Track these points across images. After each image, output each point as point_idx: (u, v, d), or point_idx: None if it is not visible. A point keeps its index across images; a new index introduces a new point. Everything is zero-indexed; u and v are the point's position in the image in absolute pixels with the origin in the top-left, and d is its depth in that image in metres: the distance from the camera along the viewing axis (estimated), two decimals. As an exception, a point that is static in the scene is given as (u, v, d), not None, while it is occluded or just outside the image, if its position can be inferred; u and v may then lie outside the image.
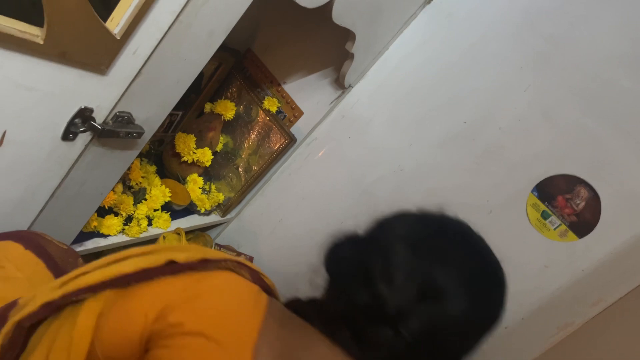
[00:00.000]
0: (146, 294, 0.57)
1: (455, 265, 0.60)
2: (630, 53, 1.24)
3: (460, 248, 0.64)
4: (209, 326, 0.53)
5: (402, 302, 0.56)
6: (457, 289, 0.58)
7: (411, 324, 0.56)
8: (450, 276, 0.59)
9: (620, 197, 1.26)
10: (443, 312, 0.57)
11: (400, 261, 0.59)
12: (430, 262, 0.59)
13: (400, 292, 0.57)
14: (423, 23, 1.48)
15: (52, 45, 0.69)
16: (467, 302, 0.58)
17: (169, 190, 1.49)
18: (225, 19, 0.89)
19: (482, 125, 1.42)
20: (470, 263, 0.62)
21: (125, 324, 0.55)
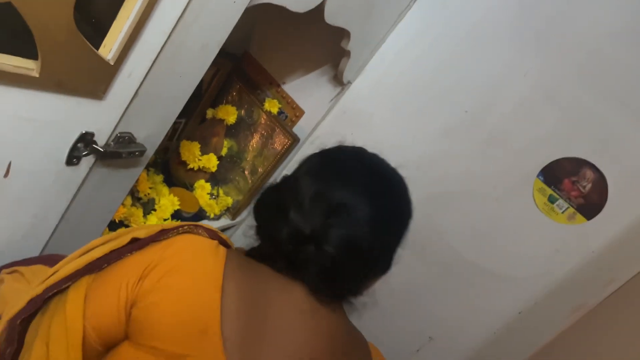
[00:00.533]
0: (120, 269, 0.65)
1: (352, 180, 0.71)
2: (630, 27, 1.23)
3: (354, 166, 0.75)
4: (180, 276, 0.63)
5: (313, 221, 0.67)
6: (357, 197, 0.68)
7: (327, 237, 0.65)
8: (348, 190, 0.69)
9: (626, 176, 1.25)
10: (351, 220, 0.67)
11: (305, 190, 0.70)
12: (330, 183, 0.70)
13: (310, 214, 0.67)
14: (418, 14, 1.47)
15: (47, 77, 0.70)
16: (370, 206, 0.68)
17: (177, 199, 1.51)
18: (218, 32, 0.90)
19: (484, 112, 1.42)
20: (366, 175, 0.74)
21: (109, 299, 0.62)
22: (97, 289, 0.63)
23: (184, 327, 0.60)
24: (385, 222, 0.71)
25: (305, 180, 0.72)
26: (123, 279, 0.63)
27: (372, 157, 0.80)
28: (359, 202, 0.68)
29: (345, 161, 0.77)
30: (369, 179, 0.73)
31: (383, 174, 0.77)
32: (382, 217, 0.70)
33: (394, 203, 0.75)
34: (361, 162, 0.77)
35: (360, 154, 0.80)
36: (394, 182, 0.77)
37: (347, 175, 0.72)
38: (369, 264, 0.72)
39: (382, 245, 0.72)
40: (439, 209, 1.51)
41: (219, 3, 0.83)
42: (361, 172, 0.74)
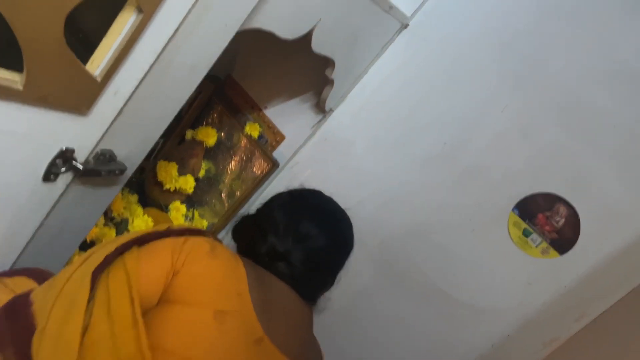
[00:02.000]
0: (165, 243, 0.78)
1: (314, 216, 0.96)
2: (602, 71, 1.28)
3: (315, 205, 1.03)
4: (216, 253, 0.79)
5: (285, 243, 0.89)
6: (317, 229, 0.93)
7: (295, 257, 0.88)
8: (311, 223, 0.93)
9: (598, 214, 1.28)
10: (311, 246, 0.91)
11: (279, 219, 0.93)
12: (298, 217, 0.94)
13: (283, 238, 0.90)
14: (400, 47, 1.50)
15: (32, 91, 0.69)
16: (325, 236, 0.93)
17: (151, 220, 1.48)
18: (208, 53, 0.90)
19: (463, 145, 1.44)
20: (323, 212, 1.01)
21: (159, 261, 0.74)
22: (147, 254, 0.75)
23: (224, 288, 0.76)
24: (335, 249, 0.98)
25: (279, 212, 0.96)
26: (168, 249, 0.76)
27: (327, 199, 1.09)
28: (318, 233, 0.93)
29: (308, 199, 1.04)
30: (325, 216, 1.00)
31: (335, 213, 1.05)
32: (333, 245, 0.96)
33: (342, 236, 1.02)
34: (320, 203, 1.06)
35: (318, 196, 1.08)
36: (344, 221, 1.06)
37: (310, 212, 0.98)
38: (322, 277, 0.97)
39: (332, 265, 0.99)
40: (415, 239, 1.51)
41: (211, 25, 0.83)
42: (320, 210, 1.02)
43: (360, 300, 1.62)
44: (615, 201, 1.26)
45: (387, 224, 1.56)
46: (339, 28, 1.21)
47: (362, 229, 1.57)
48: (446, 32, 1.45)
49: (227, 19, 0.85)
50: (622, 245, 1.25)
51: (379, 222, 1.57)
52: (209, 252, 0.79)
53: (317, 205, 1.03)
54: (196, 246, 0.78)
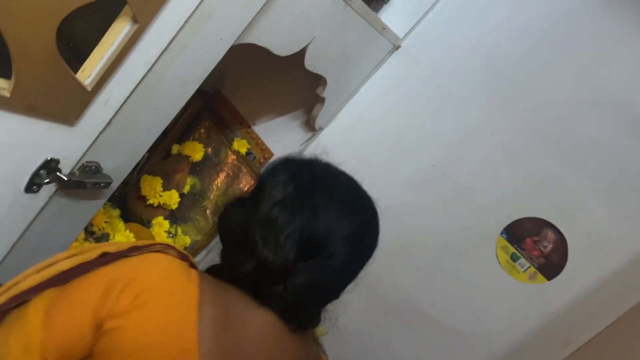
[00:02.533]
0: (89, 283, 0.59)
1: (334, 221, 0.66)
2: (589, 99, 1.29)
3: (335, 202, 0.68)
4: (155, 296, 0.59)
5: (285, 261, 0.62)
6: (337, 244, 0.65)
7: (298, 279, 0.63)
8: (330, 233, 0.65)
9: (585, 240, 1.29)
10: (325, 266, 0.65)
11: (281, 223, 0.63)
12: (310, 221, 0.64)
13: (283, 252, 0.62)
14: (392, 68, 1.51)
15: (19, 98, 0.66)
16: (346, 255, 0.66)
17: (133, 235, 1.44)
18: (200, 68, 0.88)
19: (451, 168, 1.44)
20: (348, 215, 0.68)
21: (74, 315, 0.57)
22: (62, 303, 0.58)
23: (161, 347, 0.58)
24: (354, 268, 0.72)
25: (281, 211, 0.64)
26: (92, 294, 0.58)
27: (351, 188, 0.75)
28: (337, 248, 0.65)
29: (324, 192, 0.69)
30: (351, 221, 0.68)
31: (364, 215, 0.73)
32: (353, 264, 0.71)
33: (367, 249, 0.73)
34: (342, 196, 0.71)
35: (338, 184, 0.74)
36: (373, 223, 0.75)
37: (328, 215, 0.66)
38: (328, 300, 0.72)
39: (344, 285, 0.72)
40: (403, 262, 1.50)
41: (206, 38, 0.82)
42: (342, 212, 0.68)
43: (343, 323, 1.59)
44: (603, 228, 1.27)
45: (373, 245, 1.54)
46: (333, 46, 1.21)
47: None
48: (437, 55, 1.46)
49: (222, 33, 0.84)
50: (609, 272, 1.25)
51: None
52: (147, 292, 0.59)
53: (336, 202, 0.68)
54: (132, 285, 0.59)
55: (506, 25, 1.38)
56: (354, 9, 1.14)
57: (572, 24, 1.30)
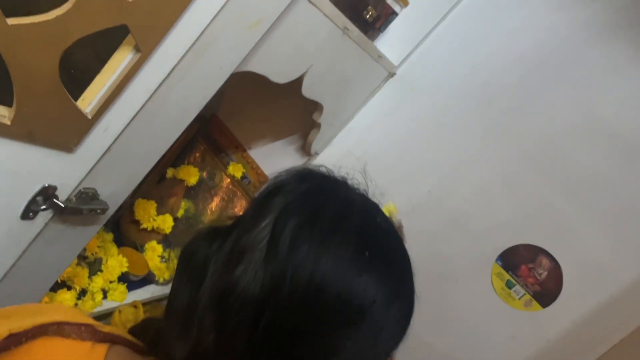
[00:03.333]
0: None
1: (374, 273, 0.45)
2: (582, 127, 1.31)
3: (380, 254, 0.48)
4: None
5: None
6: (379, 297, 0.45)
7: None
8: (377, 292, 0.45)
9: (580, 267, 1.29)
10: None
11: (240, 295, 0.42)
12: (350, 276, 0.43)
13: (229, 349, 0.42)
14: (387, 95, 1.53)
15: (19, 126, 0.66)
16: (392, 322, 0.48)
17: (126, 260, 1.42)
18: (199, 95, 0.89)
19: (446, 195, 1.45)
20: (387, 266, 0.48)
21: None
22: None
23: None
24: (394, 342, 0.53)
25: (255, 274, 0.42)
26: None
27: (388, 233, 0.53)
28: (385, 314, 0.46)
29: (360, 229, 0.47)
30: (392, 280, 0.48)
31: (403, 259, 0.53)
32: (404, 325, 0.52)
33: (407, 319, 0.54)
34: (389, 245, 0.52)
35: (374, 221, 0.51)
36: (409, 270, 0.54)
37: (368, 277, 0.45)
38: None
39: None
40: (398, 287, 1.49)
41: (206, 67, 0.83)
42: (384, 270, 0.47)
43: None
44: (597, 255, 1.27)
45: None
46: (330, 74, 1.22)
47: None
48: (432, 82, 1.48)
49: (222, 62, 0.85)
50: (605, 300, 1.25)
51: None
52: None
53: (385, 253, 0.49)
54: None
55: (500, 54, 1.40)
56: (352, 37, 1.16)
57: (565, 55, 1.32)
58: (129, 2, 0.63)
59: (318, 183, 0.53)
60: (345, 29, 1.11)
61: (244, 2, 0.77)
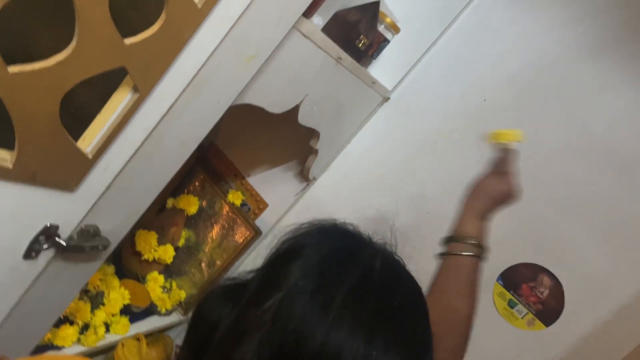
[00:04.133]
0: None
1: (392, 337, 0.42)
2: (577, 145, 1.33)
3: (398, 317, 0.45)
4: None
5: None
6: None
7: None
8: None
9: (581, 284, 1.29)
10: None
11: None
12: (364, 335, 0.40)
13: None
14: (382, 119, 1.55)
15: (21, 169, 0.67)
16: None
17: (128, 292, 1.42)
18: (198, 130, 0.90)
19: (445, 215, 1.45)
20: (412, 330, 0.46)
21: None
22: None
23: None
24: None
25: (311, 333, 0.40)
26: None
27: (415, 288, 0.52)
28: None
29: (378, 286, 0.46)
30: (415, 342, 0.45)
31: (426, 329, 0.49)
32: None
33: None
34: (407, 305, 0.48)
35: (396, 274, 0.52)
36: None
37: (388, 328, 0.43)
38: None
39: None
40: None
41: (203, 102, 0.84)
42: (408, 335, 0.45)
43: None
44: (598, 271, 1.27)
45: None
46: (325, 102, 1.24)
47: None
48: (426, 105, 1.50)
49: (219, 97, 0.87)
50: (607, 316, 1.25)
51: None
52: None
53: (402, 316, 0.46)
54: None
55: (492, 76, 1.42)
56: (345, 66, 1.18)
57: (556, 74, 1.35)
58: (126, 45, 0.65)
59: (341, 244, 0.51)
60: (338, 59, 1.13)
61: (239, 38, 0.78)
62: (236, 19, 0.74)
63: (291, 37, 0.91)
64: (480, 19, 1.47)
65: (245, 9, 0.74)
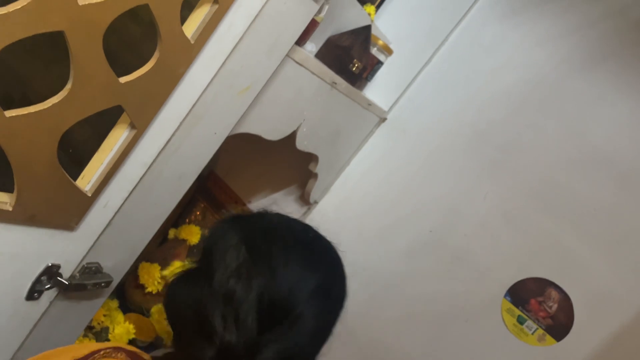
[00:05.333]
0: None
1: (299, 281, 0.59)
2: (577, 158, 1.33)
3: (289, 247, 0.62)
4: None
5: (249, 339, 0.54)
6: (305, 304, 0.58)
7: (266, 354, 0.55)
8: (296, 294, 0.58)
9: (589, 297, 1.28)
10: (294, 332, 0.57)
11: (239, 299, 0.56)
12: (266, 281, 0.57)
13: (245, 331, 0.55)
14: (380, 139, 1.55)
15: (21, 211, 0.67)
16: (316, 316, 0.59)
17: (133, 327, 1.40)
18: (196, 162, 0.91)
19: (448, 233, 1.45)
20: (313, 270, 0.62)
21: None
22: None
23: None
24: (326, 326, 0.64)
25: (238, 282, 0.57)
26: None
27: (308, 238, 0.68)
28: (304, 308, 0.58)
29: (280, 248, 0.62)
30: (313, 274, 0.62)
31: (326, 265, 0.67)
32: (324, 322, 0.63)
33: (336, 301, 0.67)
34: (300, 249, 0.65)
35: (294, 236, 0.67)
36: (338, 271, 0.69)
37: (288, 273, 0.59)
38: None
39: (319, 345, 0.64)
40: (407, 331, 1.47)
41: (200, 134, 0.85)
42: (303, 267, 0.61)
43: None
44: (604, 284, 1.26)
45: (378, 317, 1.52)
46: (322, 126, 1.25)
47: (353, 324, 1.53)
48: (423, 124, 1.51)
49: (216, 128, 0.87)
50: (618, 328, 1.24)
51: (369, 316, 1.53)
52: None
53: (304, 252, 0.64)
54: None
55: (486, 92, 1.44)
56: (340, 90, 1.19)
57: (550, 87, 1.36)
58: (122, 83, 0.66)
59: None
60: (333, 83, 1.14)
61: (233, 71, 0.79)
62: (229, 53, 0.75)
63: (285, 65, 0.92)
64: (471, 36, 1.49)
65: (237, 42, 0.75)
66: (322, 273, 0.64)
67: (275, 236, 0.64)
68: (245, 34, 0.75)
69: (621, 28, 1.32)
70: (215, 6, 0.68)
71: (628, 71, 1.31)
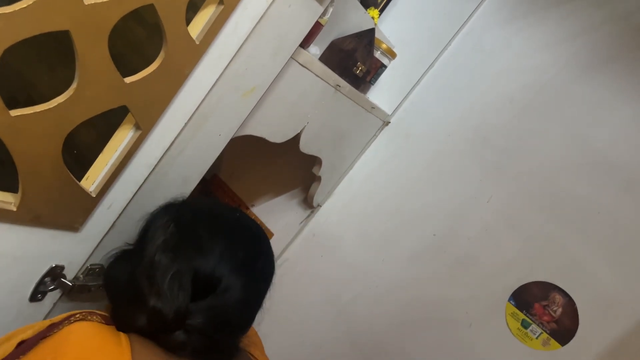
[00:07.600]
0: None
1: (222, 254, 0.65)
2: (579, 162, 1.33)
3: (219, 235, 0.68)
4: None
5: (178, 307, 0.59)
6: (229, 275, 0.64)
7: (195, 320, 0.60)
8: (216, 260, 0.64)
9: (594, 300, 1.27)
10: (224, 297, 0.63)
11: (163, 268, 0.61)
12: (194, 255, 0.63)
13: (172, 298, 0.59)
14: (383, 143, 1.55)
15: (25, 211, 0.67)
16: (242, 286, 0.65)
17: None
18: (200, 164, 0.91)
19: (452, 237, 1.45)
20: (235, 245, 0.68)
21: None
22: None
23: None
24: (255, 296, 0.70)
25: (163, 254, 0.63)
26: None
27: (233, 217, 0.74)
28: (231, 280, 0.64)
29: (206, 226, 0.69)
30: (238, 248, 0.68)
31: (251, 240, 0.73)
32: (252, 292, 0.69)
33: (263, 273, 0.74)
34: (225, 226, 0.71)
35: (220, 215, 0.73)
36: (263, 246, 0.76)
37: (214, 248, 0.65)
38: (239, 331, 0.70)
39: (251, 314, 0.71)
40: (411, 336, 1.46)
41: (205, 136, 0.85)
42: (228, 242, 0.68)
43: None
44: (609, 288, 1.25)
45: (381, 322, 1.52)
46: (326, 129, 1.25)
47: (356, 329, 1.53)
48: (426, 127, 1.51)
49: (220, 130, 0.87)
50: (623, 334, 1.23)
51: (372, 321, 1.52)
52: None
53: (221, 234, 0.68)
54: (65, 357, 0.54)
55: (489, 96, 1.43)
56: (344, 93, 1.19)
57: (553, 93, 1.36)
58: (127, 84, 0.66)
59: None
60: (337, 86, 1.14)
61: (238, 72, 0.79)
62: (234, 54, 0.75)
63: (289, 68, 0.92)
64: (474, 40, 1.49)
65: (242, 43, 0.75)
66: (246, 247, 0.70)
67: (203, 215, 0.71)
68: (250, 36, 0.75)
69: (624, 32, 1.32)
70: (220, 7, 0.69)
71: (631, 76, 1.30)
